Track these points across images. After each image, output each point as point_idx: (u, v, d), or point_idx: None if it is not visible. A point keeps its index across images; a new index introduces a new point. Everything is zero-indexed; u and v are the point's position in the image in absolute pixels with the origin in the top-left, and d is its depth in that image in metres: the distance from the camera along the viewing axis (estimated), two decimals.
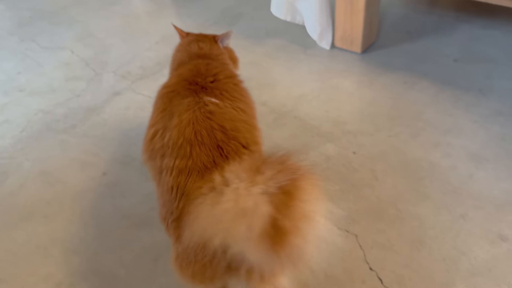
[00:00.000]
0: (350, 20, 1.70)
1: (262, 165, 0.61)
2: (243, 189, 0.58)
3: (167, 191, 0.82)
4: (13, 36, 2.16)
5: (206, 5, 2.25)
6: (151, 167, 0.91)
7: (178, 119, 0.88)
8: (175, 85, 1.00)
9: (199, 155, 0.82)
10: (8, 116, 1.66)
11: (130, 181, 1.35)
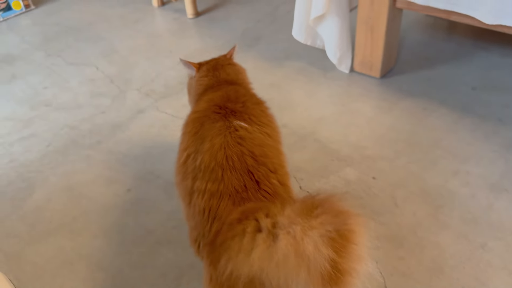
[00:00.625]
0: (370, 46, 1.74)
1: (314, 209, 0.63)
2: (300, 233, 0.60)
3: (199, 213, 0.85)
4: (39, 51, 2.23)
5: (227, 27, 2.31)
6: (182, 188, 0.94)
7: (210, 143, 0.91)
8: (205, 110, 1.03)
9: (230, 179, 0.85)
10: (35, 130, 1.71)
11: (154, 199, 1.39)
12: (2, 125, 1.75)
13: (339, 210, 0.64)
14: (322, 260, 0.59)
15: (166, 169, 1.49)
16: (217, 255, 0.74)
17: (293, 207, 0.65)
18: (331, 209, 0.64)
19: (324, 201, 0.66)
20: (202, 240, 0.83)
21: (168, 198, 1.39)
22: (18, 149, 1.63)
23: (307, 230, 0.61)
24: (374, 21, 1.66)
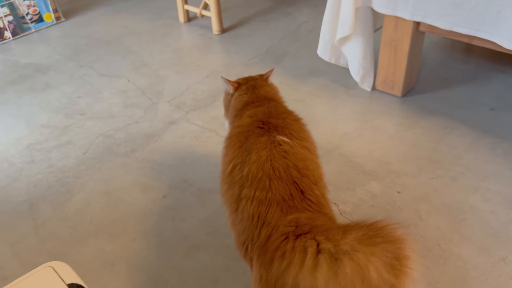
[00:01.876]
0: (393, 66, 1.82)
1: (374, 237, 0.72)
2: (364, 260, 0.69)
3: (247, 219, 0.92)
4: (71, 62, 2.33)
5: (252, 43, 2.41)
6: (228, 196, 1.01)
7: (256, 155, 0.99)
8: (249, 125, 1.10)
9: (277, 188, 0.92)
10: (71, 137, 1.80)
11: (188, 206, 1.46)
12: (39, 132, 1.84)
13: (396, 238, 0.73)
14: (383, 284, 0.68)
15: (198, 178, 1.56)
16: (268, 258, 0.81)
17: (353, 235, 0.73)
18: (390, 237, 0.72)
19: (382, 229, 0.74)
20: (251, 243, 0.90)
21: (201, 205, 1.46)
22: (56, 155, 1.72)
23: (370, 256, 0.69)
24: (398, 43, 1.75)
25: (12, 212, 1.49)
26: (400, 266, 0.70)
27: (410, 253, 0.71)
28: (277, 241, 0.81)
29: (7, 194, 1.56)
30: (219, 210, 1.43)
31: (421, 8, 1.58)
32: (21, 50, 2.49)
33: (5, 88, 2.14)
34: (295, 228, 0.81)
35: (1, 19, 2.55)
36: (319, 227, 0.79)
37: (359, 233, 0.73)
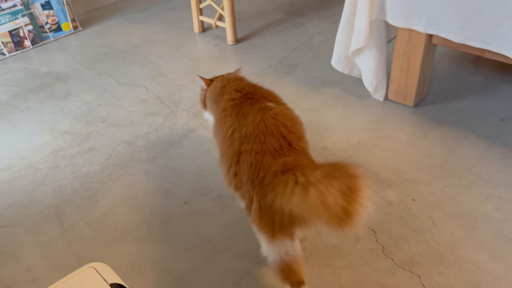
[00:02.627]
0: (405, 77, 1.88)
1: (332, 172, 0.93)
2: (324, 189, 0.90)
3: (247, 167, 1.12)
4: (90, 70, 2.40)
5: (266, 54, 2.47)
6: (229, 152, 1.20)
7: (252, 118, 1.19)
8: (240, 97, 1.31)
9: (270, 142, 1.12)
10: (94, 144, 1.86)
11: (209, 211, 1.51)
12: (62, 139, 1.90)
13: (352, 174, 0.93)
14: (337, 207, 0.89)
15: (217, 185, 1.62)
16: (264, 192, 1.05)
17: (320, 171, 0.94)
18: (347, 174, 0.93)
19: (342, 167, 0.95)
20: (251, 185, 1.10)
21: (222, 211, 1.51)
22: (79, 161, 1.78)
23: (329, 187, 0.90)
24: (411, 54, 1.81)
25: (39, 216, 1.55)
26: (352, 195, 0.89)
27: (361, 186, 0.91)
28: (269, 178, 1.04)
29: (33, 198, 1.62)
30: (240, 215, 1.49)
31: (435, 21, 1.64)
32: (40, 58, 2.56)
33: (27, 96, 2.21)
34: (282, 167, 1.03)
35: (21, 29, 2.62)
36: (299, 166, 1.01)
37: (324, 170, 0.94)
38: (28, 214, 1.55)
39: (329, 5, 3.01)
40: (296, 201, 0.94)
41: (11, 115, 2.08)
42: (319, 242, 1.38)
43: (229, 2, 2.43)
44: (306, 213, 0.97)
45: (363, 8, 1.74)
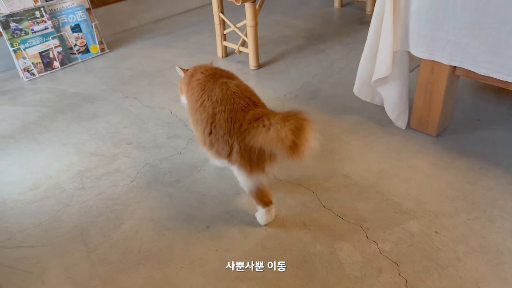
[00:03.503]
0: (428, 107, 1.88)
1: (287, 117, 1.30)
2: (280, 128, 1.28)
3: (224, 122, 1.44)
4: (117, 92, 2.47)
5: (287, 79, 2.51)
6: (203, 117, 1.50)
7: (219, 89, 1.52)
8: (204, 77, 1.62)
9: (239, 102, 1.46)
10: (119, 166, 1.90)
11: (231, 237, 1.53)
12: (88, 160, 1.95)
13: (301, 118, 1.29)
14: (288, 140, 1.26)
15: (239, 210, 1.63)
16: (243, 136, 1.39)
17: (278, 116, 1.33)
18: (297, 117, 1.29)
19: (295, 113, 1.31)
20: (229, 135, 1.43)
21: (243, 237, 1.53)
22: (104, 182, 1.82)
23: (283, 126, 1.28)
24: (434, 85, 1.82)
25: (64, 236, 1.58)
26: (299, 132, 1.26)
27: (307, 126, 1.28)
28: (245, 125, 1.39)
29: (59, 219, 1.66)
30: (262, 242, 1.50)
31: (459, 54, 1.65)
32: (68, 79, 2.65)
33: (55, 116, 2.28)
34: (253, 116, 1.39)
35: (51, 50, 2.73)
36: (265, 114, 1.37)
37: (281, 115, 1.32)
38: (54, 235, 1.59)
39: (349, 32, 3.05)
40: (262, 138, 1.33)
41: (39, 135, 2.15)
42: (341, 273, 1.38)
43: (253, 29, 2.48)
44: (269, 146, 1.33)
45: (386, 39, 1.77)
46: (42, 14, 2.67)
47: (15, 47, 2.61)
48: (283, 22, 3.29)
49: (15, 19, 2.59)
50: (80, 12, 2.83)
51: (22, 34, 2.63)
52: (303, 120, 1.28)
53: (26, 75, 2.67)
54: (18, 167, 1.94)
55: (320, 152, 1.91)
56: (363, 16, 3.30)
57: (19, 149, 2.06)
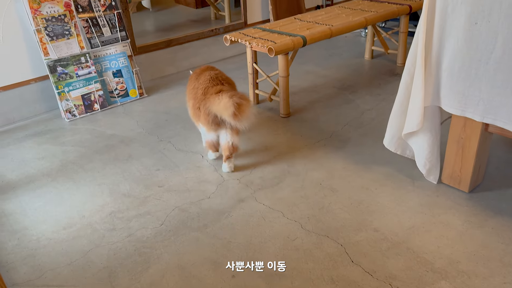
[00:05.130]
0: (460, 163, 1.86)
1: (234, 95, 1.91)
2: (226, 100, 1.88)
3: (200, 94, 2.08)
4: (152, 135, 2.57)
5: (317, 127, 2.54)
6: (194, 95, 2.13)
7: (203, 78, 2.14)
8: (197, 73, 2.26)
9: (213, 83, 2.09)
10: (150, 208, 1.95)
11: (256, 287, 1.52)
12: (121, 201, 2.01)
13: (244, 98, 1.90)
14: (231, 110, 1.86)
15: (265, 259, 1.63)
16: (204, 103, 2.03)
17: (228, 93, 1.93)
18: (241, 96, 1.90)
19: (241, 94, 1.93)
20: (201, 103, 2.06)
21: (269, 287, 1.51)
22: (135, 224, 1.86)
23: (230, 99, 1.88)
24: (466, 141, 1.80)
25: (93, 278, 1.61)
26: (239, 106, 1.86)
27: (244, 103, 1.88)
28: (208, 95, 2.03)
29: (89, 259, 1.70)
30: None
31: (492, 111, 1.64)
32: (107, 121, 2.78)
33: (92, 156, 2.38)
34: (216, 91, 2.01)
35: (93, 93, 2.88)
36: (223, 91, 1.98)
37: (230, 93, 1.92)
38: (83, 275, 1.62)
39: (380, 83, 3.09)
40: (215, 106, 1.95)
41: (76, 174, 2.24)
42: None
43: (285, 80, 2.56)
44: (219, 111, 1.95)
45: (417, 94, 1.78)
46: (87, 60, 2.85)
47: (59, 90, 2.78)
48: (314, 72, 3.37)
49: (62, 63, 2.78)
50: (122, 59, 3.00)
51: (67, 77, 2.81)
52: (243, 99, 1.89)
53: (68, 116, 2.82)
54: (54, 205, 2.02)
55: (349, 203, 1.90)
56: (394, 68, 3.34)
57: (56, 187, 2.14)
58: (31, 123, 2.81)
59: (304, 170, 2.16)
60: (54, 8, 2.71)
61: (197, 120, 2.15)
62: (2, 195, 2.11)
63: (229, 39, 2.67)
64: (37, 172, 2.28)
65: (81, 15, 2.82)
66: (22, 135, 2.66)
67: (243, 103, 1.86)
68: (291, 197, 1.97)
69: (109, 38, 2.94)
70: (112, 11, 2.93)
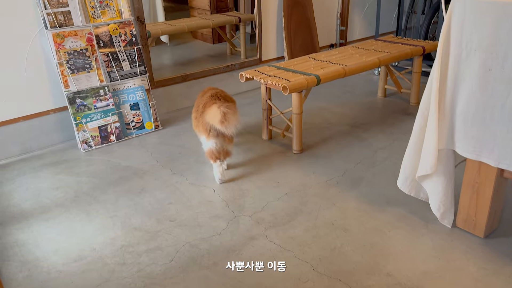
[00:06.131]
0: (475, 207, 1.84)
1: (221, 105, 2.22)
2: (215, 109, 2.21)
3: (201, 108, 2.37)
4: (165, 168, 2.59)
5: (329, 164, 2.55)
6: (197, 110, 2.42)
7: (206, 95, 2.41)
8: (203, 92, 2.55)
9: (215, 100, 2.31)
10: (160, 243, 1.95)
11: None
12: (132, 235, 2.01)
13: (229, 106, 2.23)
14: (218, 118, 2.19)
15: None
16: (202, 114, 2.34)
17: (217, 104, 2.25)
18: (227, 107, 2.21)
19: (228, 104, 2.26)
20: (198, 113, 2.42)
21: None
22: (145, 259, 1.85)
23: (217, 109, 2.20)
24: (480, 186, 1.78)
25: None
26: (225, 115, 2.17)
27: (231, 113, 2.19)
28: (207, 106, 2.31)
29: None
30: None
31: (507, 157, 1.64)
32: (122, 153, 2.82)
33: (106, 188, 2.41)
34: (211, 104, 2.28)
35: (109, 125, 2.95)
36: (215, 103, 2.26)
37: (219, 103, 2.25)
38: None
39: (393, 122, 3.10)
40: (207, 114, 2.27)
41: (89, 206, 2.26)
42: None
43: (298, 117, 2.59)
44: (210, 119, 2.25)
45: (431, 137, 1.79)
46: (106, 93, 2.93)
47: (77, 121, 2.85)
48: (327, 109, 3.40)
49: (81, 95, 2.86)
50: (140, 92, 3.08)
51: (86, 109, 2.88)
52: (230, 108, 2.21)
53: (84, 147, 2.88)
54: (66, 236, 2.03)
55: (361, 245, 1.87)
56: (407, 107, 3.36)
57: (69, 218, 2.16)
58: (47, 153, 2.87)
59: (316, 208, 2.15)
60: (76, 42, 2.82)
61: (198, 130, 2.43)
62: (15, 224, 2.13)
63: (245, 76, 2.72)
64: (51, 202, 2.30)
65: (102, 49, 2.92)
66: (39, 164, 2.71)
67: (229, 112, 2.18)
68: (302, 236, 1.95)
69: (128, 72, 3.02)
70: (132, 47, 3.03)
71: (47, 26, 2.70)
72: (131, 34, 3.02)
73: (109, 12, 2.95)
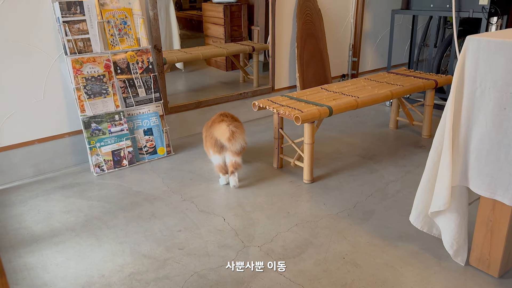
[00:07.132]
0: (489, 246, 1.80)
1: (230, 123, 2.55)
2: (224, 127, 2.53)
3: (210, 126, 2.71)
4: (176, 194, 2.60)
5: (340, 196, 2.53)
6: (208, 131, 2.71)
7: (215, 117, 2.70)
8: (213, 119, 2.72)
9: (225, 120, 2.58)
10: (169, 272, 1.93)
11: None
12: (141, 262, 2.01)
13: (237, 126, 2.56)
14: (226, 135, 2.50)
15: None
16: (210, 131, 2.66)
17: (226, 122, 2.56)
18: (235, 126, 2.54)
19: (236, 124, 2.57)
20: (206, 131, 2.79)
21: None
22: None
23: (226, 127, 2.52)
24: (495, 224, 1.76)
25: None
26: (233, 133, 2.49)
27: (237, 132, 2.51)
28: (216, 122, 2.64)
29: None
30: None
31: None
32: (133, 178, 2.84)
33: (116, 213, 2.42)
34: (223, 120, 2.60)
35: (123, 150, 2.98)
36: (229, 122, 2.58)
37: (227, 123, 2.55)
38: None
39: (405, 154, 3.09)
40: (216, 130, 2.56)
41: (99, 231, 2.26)
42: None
43: (309, 147, 2.60)
44: (218, 136, 2.53)
45: (445, 173, 1.78)
46: (121, 118, 2.98)
47: (91, 145, 2.89)
48: (338, 139, 3.41)
49: (96, 120, 2.91)
50: (154, 118, 3.13)
51: (100, 134, 2.92)
52: (237, 128, 2.52)
53: (96, 171, 2.90)
54: (75, 262, 2.03)
55: (373, 281, 1.84)
56: (419, 140, 3.35)
57: (79, 243, 2.17)
58: (60, 175, 2.90)
59: (327, 241, 2.12)
60: (94, 68, 2.89)
61: (207, 147, 2.71)
62: (25, 248, 2.14)
63: (258, 105, 2.76)
64: (62, 226, 2.31)
65: (119, 76, 2.99)
66: (51, 187, 2.74)
67: (237, 131, 2.49)
68: (313, 270, 1.93)
69: (144, 98, 3.08)
70: (148, 74, 3.09)
71: (67, 52, 2.78)
72: (148, 62, 3.09)
73: (127, 40, 3.04)
